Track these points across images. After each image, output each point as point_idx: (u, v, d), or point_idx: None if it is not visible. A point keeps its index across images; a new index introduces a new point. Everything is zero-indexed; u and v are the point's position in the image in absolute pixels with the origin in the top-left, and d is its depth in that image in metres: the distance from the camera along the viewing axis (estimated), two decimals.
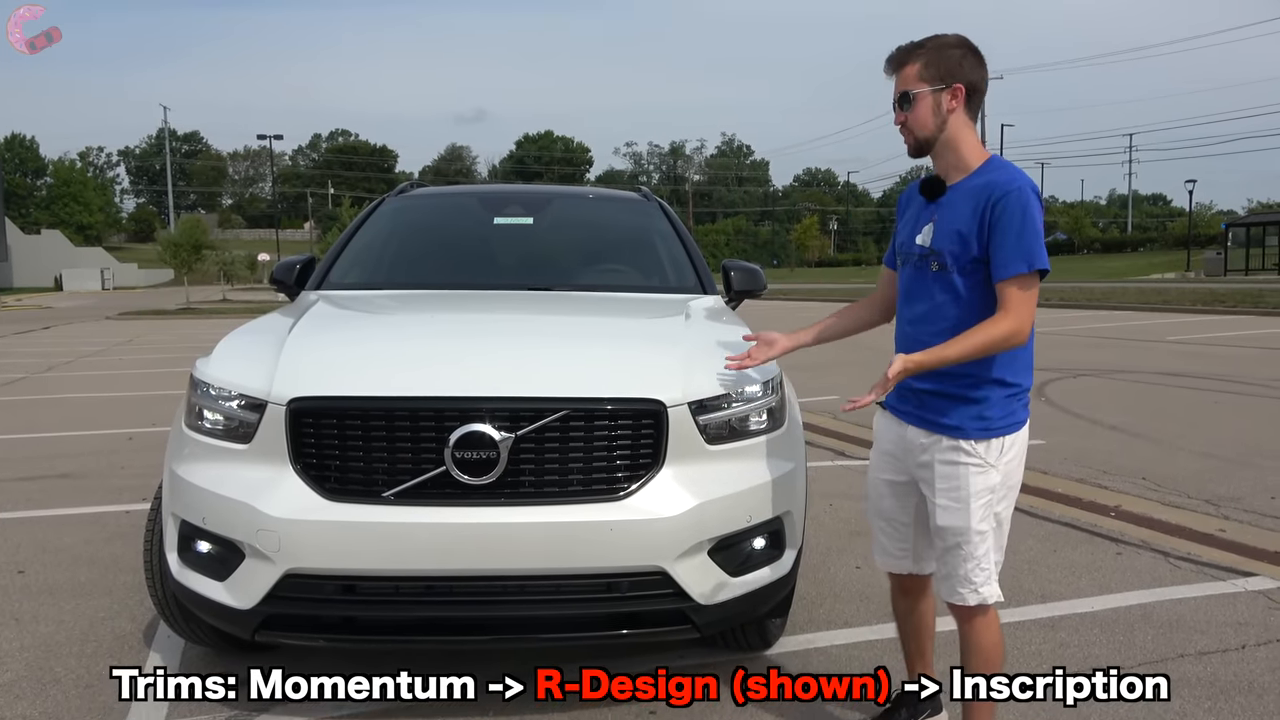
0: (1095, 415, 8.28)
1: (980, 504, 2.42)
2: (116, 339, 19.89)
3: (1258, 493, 5.57)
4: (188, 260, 41.20)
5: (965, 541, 2.43)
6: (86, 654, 3.47)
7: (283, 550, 2.60)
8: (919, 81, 2.41)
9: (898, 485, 2.62)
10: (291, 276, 4.30)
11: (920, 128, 2.43)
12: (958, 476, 2.43)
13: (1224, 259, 44.27)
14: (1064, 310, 23.60)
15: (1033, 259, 2.33)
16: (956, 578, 2.47)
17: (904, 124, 2.45)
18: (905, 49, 2.45)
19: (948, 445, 2.44)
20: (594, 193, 5.59)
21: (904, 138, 2.47)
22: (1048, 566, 4.35)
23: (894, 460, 2.61)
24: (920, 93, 2.40)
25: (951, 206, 2.43)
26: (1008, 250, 2.33)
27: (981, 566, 2.45)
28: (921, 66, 2.41)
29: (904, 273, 2.58)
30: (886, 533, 2.69)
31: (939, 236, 2.43)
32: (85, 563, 4.50)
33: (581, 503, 2.66)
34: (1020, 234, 2.32)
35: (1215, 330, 16.75)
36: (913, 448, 2.53)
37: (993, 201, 2.34)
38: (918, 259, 2.50)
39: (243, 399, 2.79)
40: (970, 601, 2.47)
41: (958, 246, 2.39)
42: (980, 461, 2.41)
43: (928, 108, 2.41)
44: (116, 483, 6.12)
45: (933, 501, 2.48)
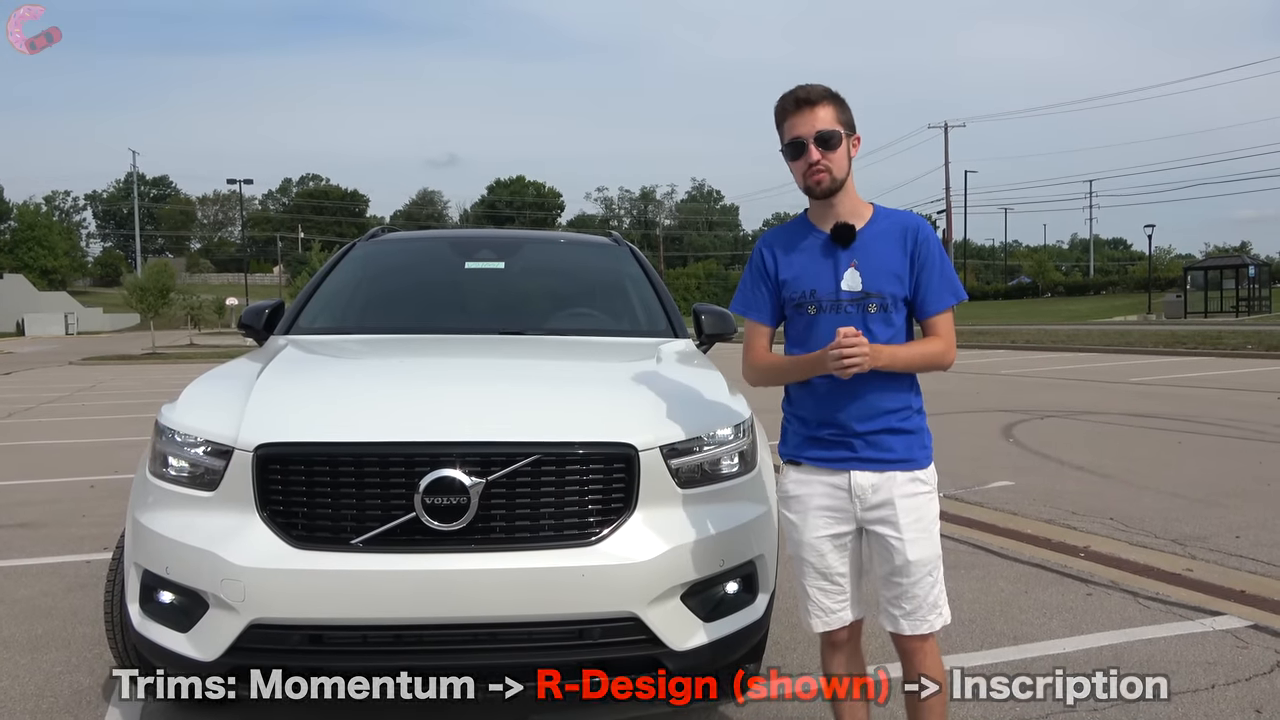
0: (1062, 456, 8.36)
1: (937, 529, 2.51)
2: (79, 384, 19.56)
3: (1222, 532, 5.63)
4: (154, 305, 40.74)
5: (934, 568, 2.49)
6: (42, 710, 3.36)
7: (248, 600, 2.54)
8: (837, 124, 2.44)
9: (842, 539, 2.52)
10: (260, 321, 4.26)
11: (839, 169, 2.45)
12: (920, 507, 2.46)
13: (1184, 302, 45.16)
14: (1030, 352, 23.93)
15: (958, 291, 2.50)
16: (926, 606, 2.48)
17: (820, 164, 2.42)
18: (821, 89, 2.45)
19: (905, 479, 2.46)
20: (565, 237, 5.62)
21: (816, 179, 2.43)
22: (1020, 608, 4.36)
23: (837, 513, 2.50)
24: (841, 134, 2.44)
25: (872, 249, 2.46)
26: (935, 285, 2.46)
27: (941, 588, 2.52)
28: (837, 110, 2.45)
29: (820, 321, 2.47)
30: (826, 591, 2.56)
31: (871, 279, 2.45)
32: (43, 615, 4.38)
33: (553, 548, 2.63)
34: (943, 269, 2.47)
35: (1177, 371, 17.05)
36: (861, 493, 2.46)
37: (919, 241, 2.46)
38: (848, 304, 2.46)
39: (209, 445, 2.75)
40: (937, 625, 2.51)
41: (895, 286, 2.46)
42: (931, 488, 2.51)
43: (844, 150, 2.45)
44: (77, 532, 5.98)
45: (898, 538, 2.44)
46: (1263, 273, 46.10)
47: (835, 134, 2.42)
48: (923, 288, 2.46)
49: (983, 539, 5.56)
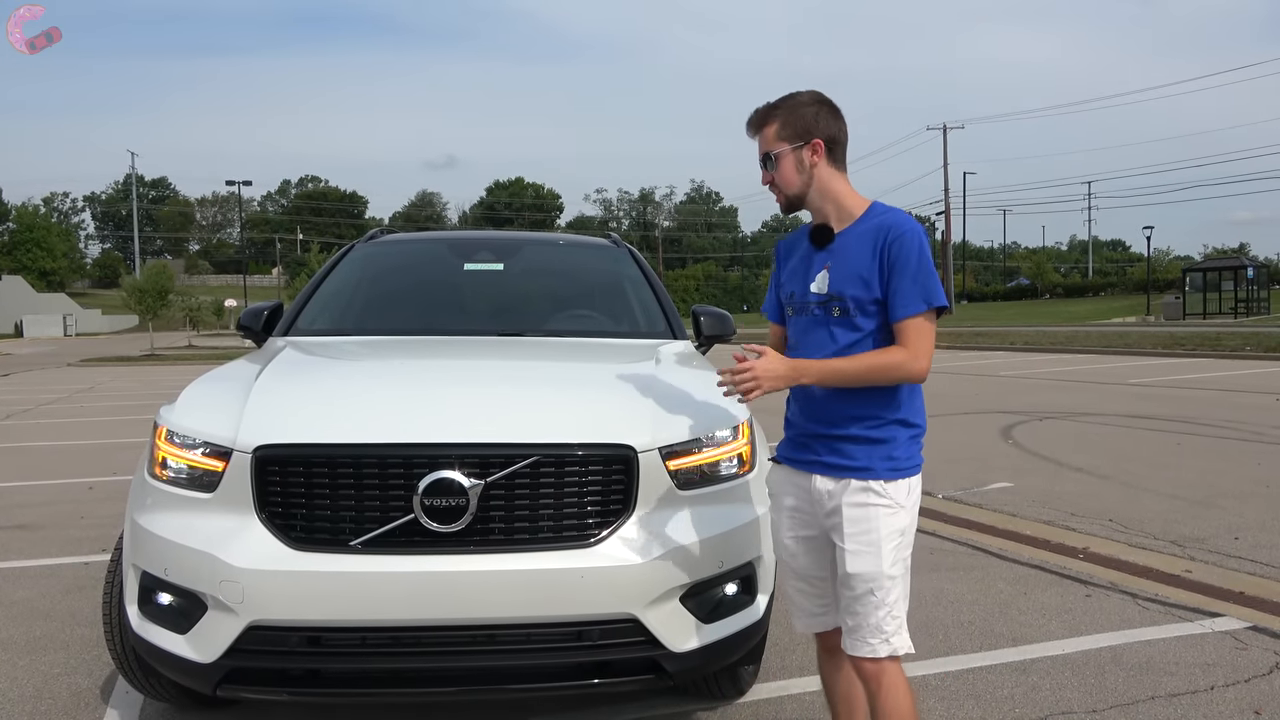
0: (1061, 457, 8.37)
1: (891, 547, 2.34)
2: (78, 386, 19.55)
3: (1221, 533, 5.63)
4: (153, 306, 40.73)
5: (877, 587, 2.33)
6: (41, 711, 3.36)
7: (246, 601, 2.54)
8: (779, 141, 2.44)
9: (810, 541, 2.49)
10: (259, 323, 4.27)
11: (787, 185, 2.45)
12: (869, 519, 2.34)
13: (1182, 303, 45.18)
14: (1028, 354, 23.95)
15: (930, 296, 2.34)
16: (867, 627, 2.35)
17: (771, 183, 2.48)
18: (762, 111, 2.48)
19: (857, 487, 2.36)
20: (564, 239, 5.62)
21: (775, 196, 2.51)
22: (1019, 609, 4.36)
23: (801, 515, 2.49)
24: (780, 152, 2.44)
25: (845, 251, 2.42)
26: (905, 289, 2.34)
27: (893, 614, 2.35)
28: (779, 126, 2.44)
29: (795, 324, 2.53)
30: (805, 593, 2.56)
31: (837, 281, 2.40)
32: (41, 616, 4.38)
33: (552, 549, 2.63)
34: (917, 273, 2.33)
35: (1176, 373, 17.06)
36: (820, 497, 2.42)
37: (889, 242, 2.35)
38: (815, 306, 2.45)
39: (207, 447, 2.75)
40: (880, 653, 2.34)
41: (860, 290, 2.37)
42: (890, 503, 2.35)
43: (791, 165, 2.44)
44: (75, 533, 5.98)
45: (842, 548, 2.37)
46: (1261, 274, 46.11)
47: (770, 155, 2.45)
48: (891, 291, 2.35)
49: (982, 540, 5.56)
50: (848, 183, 2.48)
